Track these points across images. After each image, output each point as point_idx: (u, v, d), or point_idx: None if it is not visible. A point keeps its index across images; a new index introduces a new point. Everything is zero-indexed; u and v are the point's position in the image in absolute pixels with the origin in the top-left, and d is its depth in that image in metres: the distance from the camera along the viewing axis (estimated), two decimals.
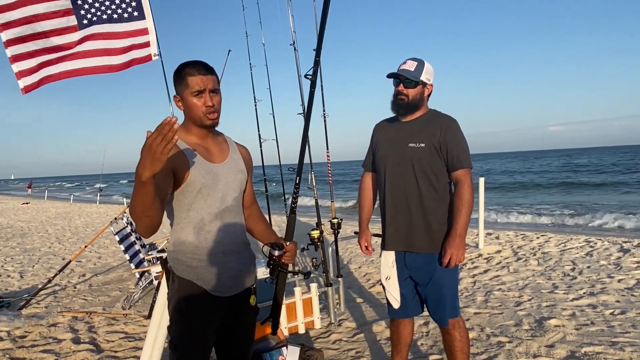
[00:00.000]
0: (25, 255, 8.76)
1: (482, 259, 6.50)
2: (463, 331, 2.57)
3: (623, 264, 5.76)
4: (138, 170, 1.40)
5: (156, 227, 1.57)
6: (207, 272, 1.80)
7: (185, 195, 1.77)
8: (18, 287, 6.24)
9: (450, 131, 2.46)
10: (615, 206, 15.84)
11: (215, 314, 1.84)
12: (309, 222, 10.75)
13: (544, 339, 3.53)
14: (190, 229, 1.79)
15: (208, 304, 1.81)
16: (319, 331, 3.99)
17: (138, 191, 1.44)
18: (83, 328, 4.37)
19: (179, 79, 1.78)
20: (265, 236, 2.07)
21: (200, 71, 1.74)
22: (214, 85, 1.77)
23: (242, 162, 1.96)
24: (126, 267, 7.08)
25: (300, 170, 2.10)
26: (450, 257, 2.39)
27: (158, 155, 1.37)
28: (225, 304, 1.86)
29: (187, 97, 1.76)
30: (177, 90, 1.81)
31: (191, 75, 1.74)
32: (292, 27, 4.22)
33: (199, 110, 1.76)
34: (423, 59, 2.52)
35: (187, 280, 1.79)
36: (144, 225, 1.54)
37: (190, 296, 1.79)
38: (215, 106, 1.78)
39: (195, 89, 1.74)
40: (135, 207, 1.48)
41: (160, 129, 1.36)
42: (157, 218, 1.55)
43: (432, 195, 2.49)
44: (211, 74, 1.77)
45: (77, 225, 13.99)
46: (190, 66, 1.75)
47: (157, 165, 1.39)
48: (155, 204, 1.50)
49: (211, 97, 1.76)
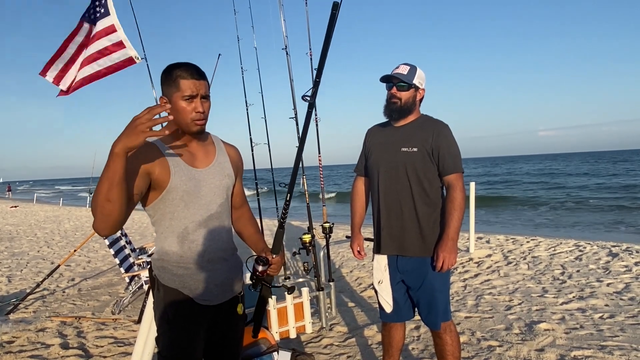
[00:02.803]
0: (13, 259, 8.66)
1: (472, 263, 6.53)
2: (454, 335, 2.58)
3: (612, 268, 5.82)
4: (114, 142, 1.39)
5: (115, 223, 1.48)
6: (193, 281, 1.75)
7: (167, 203, 1.70)
8: (6, 291, 6.16)
9: (443, 136, 2.48)
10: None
11: (202, 322, 1.79)
12: (300, 226, 10.75)
13: (534, 343, 3.55)
14: (174, 238, 1.73)
15: (195, 312, 1.76)
16: (310, 336, 3.98)
17: (108, 165, 1.40)
18: (72, 333, 4.33)
19: (168, 80, 1.69)
20: (253, 241, 2.04)
21: (194, 75, 1.67)
22: (206, 91, 1.72)
23: (229, 165, 1.89)
24: (116, 271, 7.02)
25: (292, 187, 2.06)
26: (442, 260, 2.40)
27: (138, 131, 1.37)
28: (213, 312, 1.82)
29: (177, 101, 1.67)
30: (165, 91, 1.71)
31: (183, 78, 1.66)
32: (284, 32, 4.23)
33: (188, 116, 1.68)
34: (415, 65, 2.55)
35: (173, 288, 1.74)
36: (104, 213, 1.44)
37: (176, 305, 1.74)
38: (205, 113, 1.72)
39: (187, 93, 1.66)
40: (100, 187, 1.42)
41: (151, 109, 1.37)
42: (119, 209, 1.46)
43: (424, 200, 2.50)
44: (204, 79, 1.71)
45: (67, 229, 13.85)
46: (183, 68, 1.67)
47: (133, 140, 1.38)
48: (121, 188, 1.44)
49: (202, 103, 1.70)
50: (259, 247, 1.99)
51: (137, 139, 1.38)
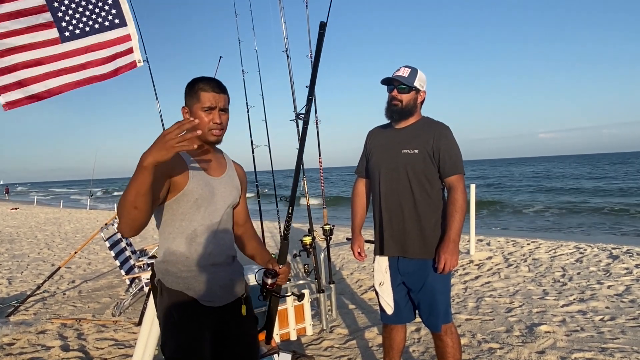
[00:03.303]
0: (13, 261, 8.66)
1: (473, 265, 6.52)
2: (455, 337, 2.58)
3: (612, 270, 5.81)
4: (143, 154, 1.44)
5: (140, 226, 1.56)
6: (197, 282, 1.80)
7: (180, 204, 1.77)
8: (6, 293, 6.16)
9: (444, 138, 2.49)
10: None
11: (207, 324, 1.82)
12: (301, 228, 10.75)
13: (534, 345, 3.55)
14: (182, 239, 1.79)
15: (199, 313, 1.80)
16: (310, 338, 3.98)
17: (136, 176, 1.45)
18: (72, 335, 4.32)
19: (191, 92, 1.81)
20: (258, 253, 2.08)
21: (214, 89, 1.78)
22: (225, 104, 1.82)
23: (237, 179, 1.99)
24: (116, 273, 7.02)
25: (293, 200, 2.10)
26: (444, 262, 2.40)
27: (168, 146, 1.41)
28: (217, 314, 1.85)
29: (197, 111, 1.79)
30: (187, 102, 1.83)
31: (204, 90, 1.77)
32: (284, 34, 4.24)
33: (205, 126, 1.79)
34: (416, 67, 2.56)
35: (177, 291, 1.79)
36: (131, 218, 1.52)
37: (181, 307, 1.78)
38: (223, 124, 1.83)
39: (206, 104, 1.77)
40: (127, 195, 1.48)
41: (181, 124, 1.42)
42: (145, 215, 1.54)
43: (425, 201, 2.50)
44: (224, 94, 1.82)
45: (67, 231, 13.85)
46: (205, 82, 1.79)
47: (163, 154, 1.42)
48: (148, 197, 1.51)
49: (220, 115, 1.80)
50: (265, 259, 2.02)
51: (167, 154, 1.43)
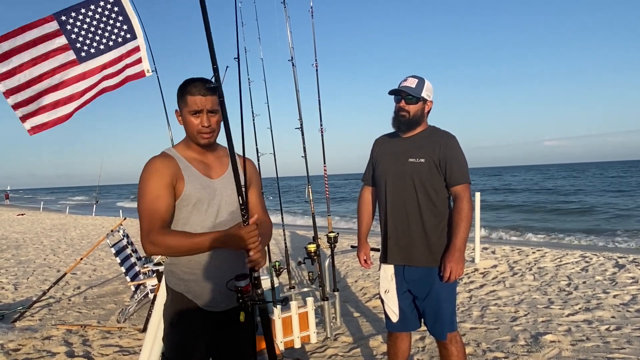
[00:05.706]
0: (19, 267, 8.70)
1: (478, 274, 6.50)
2: (460, 346, 2.58)
3: (618, 279, 5.78)
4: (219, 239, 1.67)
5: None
6: (198, 286, 1.82)
7: (181, 210, 1.80)
8: (12, 299, 6.19)
9: (450, 147, 2.50)
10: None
11: (205, 328, 1.85)
12: (305, 236, 10.75)
13: (539, 355, 3.53)
14: None
15: (198, 317, 1.83)
16: (314, 346, 3.97)
17: (199, 247, 1.72)
18: (77, 341, 4.34)
19: (180, 95, 1.82)
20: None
21: (201, 91, 1.76)
22: (213, 106, 1.78)
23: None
24: (121, 279, 7.04)
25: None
26: (449, 271, 2.40)
27: (242, 247, 1.67)
28: (216, 319, 1.87)
29: (185, 115, 1.81)
30: (179, 105, 1.85)
31: (191, 94, 1.77)
32: (290, 43, 4.27)
33: (194, 129, 1.80)
34: (423, 77, 2.57)
35: (178, 292, 1.83)
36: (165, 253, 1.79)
37: (181, 310, 1.83)
38: (212, 126, 1.81)
39: (193, 108, 1.78)
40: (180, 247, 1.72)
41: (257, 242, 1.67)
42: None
43: (431, 210, 2.51)
44: (212, 94, 1.77)
45: (73, 237, 13.90)
46: (192, 85, 1.78)
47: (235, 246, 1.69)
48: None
49: (208, 118, 1.79)
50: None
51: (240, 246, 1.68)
